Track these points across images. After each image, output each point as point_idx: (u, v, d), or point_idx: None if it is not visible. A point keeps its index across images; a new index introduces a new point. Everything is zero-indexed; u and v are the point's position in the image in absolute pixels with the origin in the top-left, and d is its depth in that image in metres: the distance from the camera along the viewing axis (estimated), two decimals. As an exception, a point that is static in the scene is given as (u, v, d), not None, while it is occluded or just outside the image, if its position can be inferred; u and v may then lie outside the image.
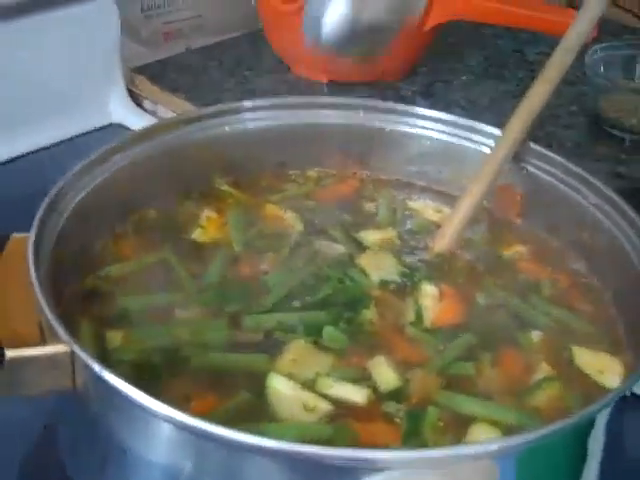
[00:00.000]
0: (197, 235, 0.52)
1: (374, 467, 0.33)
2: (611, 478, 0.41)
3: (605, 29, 0.95)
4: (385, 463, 0.33)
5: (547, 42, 0.96)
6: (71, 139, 0.80)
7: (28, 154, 0.77)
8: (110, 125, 0.82)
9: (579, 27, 0.53)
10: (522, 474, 0.36)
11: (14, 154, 0.77)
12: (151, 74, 0.85)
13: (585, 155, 0.78)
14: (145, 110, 0.84)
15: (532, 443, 0.34)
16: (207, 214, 0.53)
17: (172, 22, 0.94)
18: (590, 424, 0.38)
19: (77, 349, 0.36)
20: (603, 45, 0.83)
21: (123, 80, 0.84)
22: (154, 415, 0.34)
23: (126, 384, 0.34)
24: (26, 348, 0.38)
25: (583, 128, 0.83)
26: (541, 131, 0.80)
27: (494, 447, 0.34)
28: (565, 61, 0.53)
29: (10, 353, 0.38)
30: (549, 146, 0.56)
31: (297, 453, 0.33)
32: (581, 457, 0.38)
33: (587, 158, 0.77)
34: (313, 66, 0.84)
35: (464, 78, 0.90)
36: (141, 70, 0.86)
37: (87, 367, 0.36)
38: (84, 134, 0.81)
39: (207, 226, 0.52)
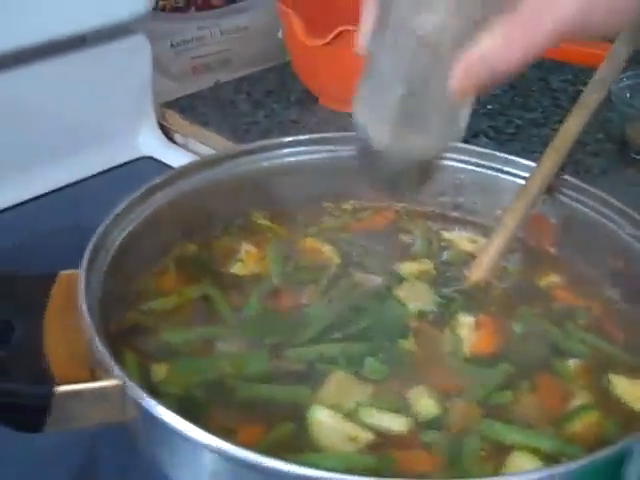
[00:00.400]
0: (237, 269, 0.53)
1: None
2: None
3: (632, 58, 0.97)
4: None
5: (571, 70, 0.97)
6: (103, 172, 0.82)
7: (63, 188, 0.79)
8: (142, 158, 0.84)
9: (613, 60, 0.54)
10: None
11: (49, 188, 0.78)
12: (181, 108, 0.87)
13: (614, 181, 0.79)
14: (176, 143, 0.86)
15: (573, 473, 0.35)
16: (246, 248, 0.54)
17: (200, 57, 0.97)
18: (628, 453, 0.38)
19: (129, 383, 0.37)
20: (629, 73, 0.84)
21: (154, 114, 0.85)
22: (203, 447, 0.35)
23: (178, 418, 0.35)
24: (76, 384, 0.39)
25: (610, 155, 0.84)
26: (568, 158, 0.81)
27: (535, 477, 0.35)
28: (598, 95, 0.54)
29: (61, 389, 0.39)
30: (577, 173, 0.57)
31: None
32: None
33: (615, 184, 0.78)
34: (341, 97, 0.85)
35: (490, 107, 0.91)
36: (171, 104, 0.88)
37: (139, 402, 0.37)
38: (116, 167, 0.83)
39: (246, 260, 0.53)
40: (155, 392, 0.42)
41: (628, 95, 0.83)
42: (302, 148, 0.57)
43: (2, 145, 0.75)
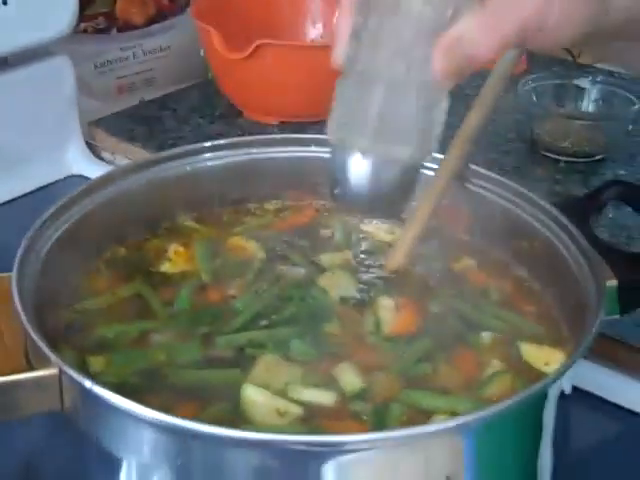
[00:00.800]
0: (166, 268, 0.55)
1: (345, 449, 0.36)
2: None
3: (536, 62, 1.02)
4: (354, 445, 0.37)
5: (484, 75, 1.02)
6: (32, 192, 0.83)
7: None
8: (71, 177, 0.86)
9: (507, 57, 0.58)
10: (483, 449, 0.39)
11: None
12: (107, 126, 0.89)
13: (525, 177, 0.83)
14: (104, 160, 0.88)
15: (488, 419, 0.38)
16: (174, 248, 0.56)
17: (125, 77, 0.99)
18: (543, 396, 0.42)
19: (66, 368, 0.39)
20: (534, 76, 0.89)
21: (81, 133, 0.87)
22: (144, 421, 0.37)
23: (116, 395, 0.37)
24: (15, 375, 0.41)
25: (521, 153, 0.88)
26: (483, 157, 0.85)
27: (452, 424, 0.38)
28: (496, 89, 0.58)
29: (2, 379, 0.41)
30: (490, 170, 0.61)
31: (276, 441, 0.36)
32: (537, 431, 0.42)
33: (527, 179, 0.82)
34: (263, 110, 0.88)
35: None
36: (97, 123, 0.90)
37: (77, 384, 0.39)
38: (45, 186, 0.84)
39: (175, 259, 0.55)
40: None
41: (534, 97, 0.88)
42: (223, 152, 0.60)
43: None
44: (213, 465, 0.38)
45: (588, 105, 0.89)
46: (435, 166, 0.57)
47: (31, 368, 0.42)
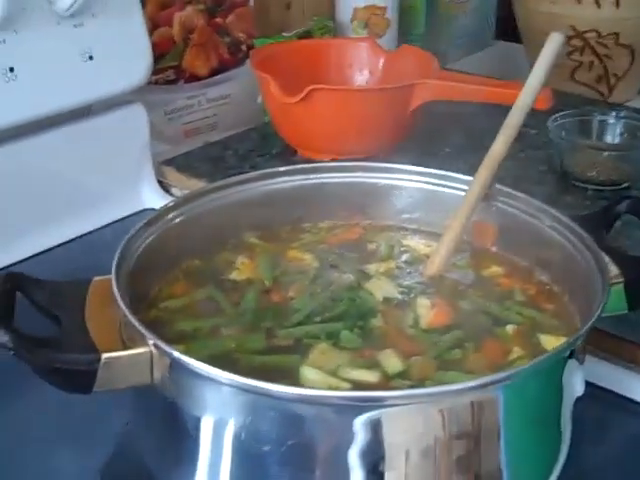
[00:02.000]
0: (234, 275, 0.64)
1: (380, 404, 0.45)
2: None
3: (566, 101, 1.10)
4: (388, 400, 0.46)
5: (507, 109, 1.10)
6: (111, 224, 0.93)
7: (76, 238, 0.90)
8: (144, 210, 0.96)
9: (527, 92, 0.67)
10: (510, 406, 0.47)
11: (65, 239, 0.90)
12: (176, 165, 0.99)
13: (556, 204, 0.90)
14: (173, 196, 0.98)
15: (510, 379, 0.46)
16: (241, 260, 0.65)
17: (191, 122, 1.09)
18: (562, 361, 0.49)
19: (160, 342, 0.48)
20: (562, 114, 0.97)
21: (153, 172, 0.97)
22: (222, 383, 0.46)
23: (200, 362, 0.46)
24: (116, 352, 0.50)
25: (552, 183, 0.96)
26: (517, 188, 0.93)
27: (472, 384, 0.46)
28: (518, 119, 0.66)
29: (105, 355, 0.50)
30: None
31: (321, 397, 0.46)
32: (558, 392, 0.50)
33: (558, 206, 0.90)
34: (316, 148, 0.97)
35: (447, 150, 1.03)
36: (167, 162, 1.00)
37: (168, 355, 0.48)
38: (122, 219, 0.94)
39: (242, 268, 0.64)
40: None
41: (563, 132, 0.96)
42: (282, 178, 0.69)
43: (23, 203, 0.87)
44: (277, 420, 0.47)
45: (613, 138, 0.97)
46: (466, 187, 0.66)
47: (127, 347, 0.51)
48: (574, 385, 0.54)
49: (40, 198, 0.88)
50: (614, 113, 0.97)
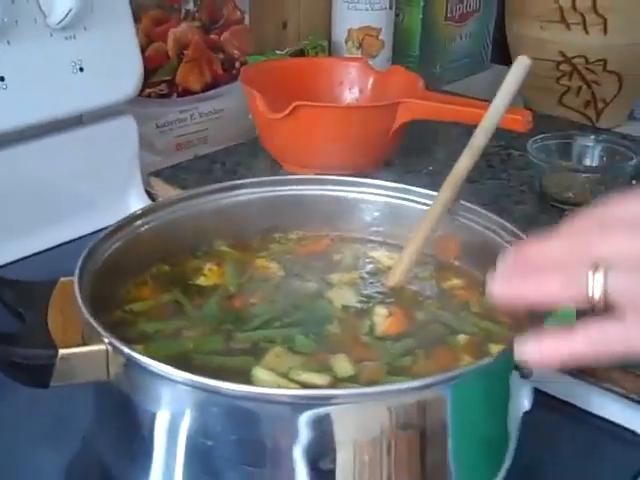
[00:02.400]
0: (201, 281, 0.66)
1: (329, 403, 0.47)
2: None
3: (553, 125, 1.12)
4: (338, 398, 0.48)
5: (503, 137, 1.13)
6: (97, 231, 0.95)
7: (63, 244, 0.93)
8: (131, 220, 0.98)
9: (491, 113, 0.69)
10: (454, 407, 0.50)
11: (50, 245, 0.92)
12: (164, 177, 1.02)
13: (531, 223, 0.92)
14: (160, 206, 1.00)
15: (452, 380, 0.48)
16: (209, 267, 0.67)
17: (182, 135, 1.12)
18: (505, 370, 0.52)
19: (114, 340, 0.50)
20: (542, 136, 0.99)
21: (141, 183, 1.00)
22: (175, 380, 0.48)
23: (152, 360, 0.48)
24: (73, 348, 0.52)
25: (531, 203, 0.98)
26: (495, 205, 0.94)
27: (417, 384, 0.48)
28: (482, 139, 0.68)
29: (62, 351, 0.52)
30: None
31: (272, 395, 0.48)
32: (503, 397, 0.53)
33: (533, 225, 0.91)
34: (300, 163, 1.00)
35: (431, 168, 1.05)
36: (156, 174, 1.02)
37: (121, 354, 0.50)
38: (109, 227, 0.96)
39: (209, 274, 0.67)
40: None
41: (544, 155, 0.98)
42: (254, 189, 0.71)
43: (11, 209, 0.89)
44: (227, 415, 0.49)
45: (592, 161, 0.99)
46: (430, 201, 0.68)
47: (86, 344, 0.53)
48: (521, 397, 0.55)
49: (28, 204, 0.90)
50: (593, 136, 0.99)
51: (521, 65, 0.68)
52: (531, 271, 0.46)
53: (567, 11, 1.17)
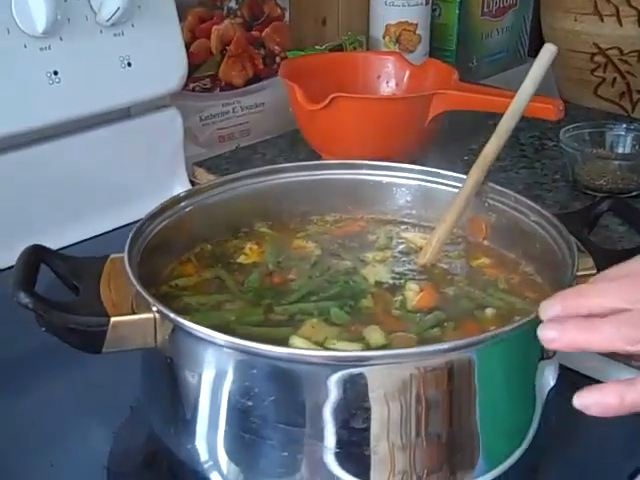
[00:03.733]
0: (242, 259, 0.70)
1: (363, 364, 0.51)
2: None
3: (589, 116, 1.14)
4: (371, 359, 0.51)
5: (538, 128, 1.15)
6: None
7: (111, 231, 0.97)
8: (177, 208, 1.02)
9: (517, 100, 0.71)
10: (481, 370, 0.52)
11: (101, 231, 0.97)
12: (207, 166, 1.06)
13: (563, 209, 0.95)
14: (204, 195, 1.04)
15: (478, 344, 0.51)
16: (249, 246, 0.71)
17: (225, 128, 1.16)
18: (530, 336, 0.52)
19: (163, 309, 0.54)
20: (574, 125, 1.01)
21: (185, 173, 1.04)
22: (221, 345, 0.52)
23: (197, 325, 0.52)
24: (124, 316, 0.56)
25: (563, 191, 1.00)
26: (528, 193, 0.97)
27: (445, 346, 0.51)
28: (509, 125, 0.70)
29: (114, 319, 0.56)
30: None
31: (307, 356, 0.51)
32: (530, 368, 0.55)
33: (564, 211, 0.94)
34: (339, 153, 1.03)
35: (466, 158, 1.08)
36: (200, 164, 1.07)
37: (170, 320, 0.53)
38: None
39: (249, 253, 0.70)
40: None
41: (575, 143, 1.00)
42: (294, 173, 0.75)
43: (63, 198, 0.94)
44: (266, 377, 0.53)
45: (624, 149, 1.00)
46: (460, 184, 0.71)
47: (135, 313, 0.57)
48: (546, 373, 0.58)
49: (79, 193, 0.95)
50: (625, 125, 1.01)
51: (548, 52, 0.70)
52: (583, 318, 0.46)
53: (601, 3, 1.19)
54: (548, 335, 0.47)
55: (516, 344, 0.55)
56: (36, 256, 0.60)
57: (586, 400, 0.46)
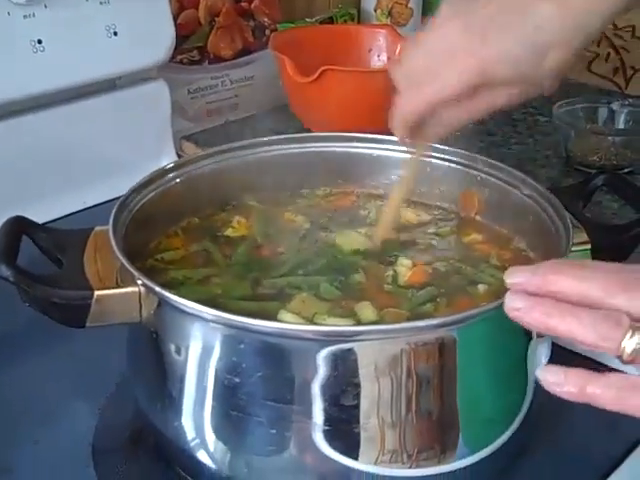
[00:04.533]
0: (229, 232, 0.68)
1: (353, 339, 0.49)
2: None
3: (581, 92, 1.13)
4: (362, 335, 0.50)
5: (531, 104, 1.13)
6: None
7: (96, 205, 0.95)
8: (164, 182, 1.00)
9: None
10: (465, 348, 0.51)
11: (86, 206, 0.95)
12: (195, 140, 1.04)
13: (555, 185, 0.94)
14: (192, 169, 1.02)
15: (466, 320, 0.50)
16: (237, 219, 0.70)
17: (213, 102, 1.14)
18: None
19: (148, 282, 0.52)
20: (567, 100, 1.00)
21: (173, 146, 1.02)
22: (207, 320, 0.51)
23: (183, 298, 0.50)
24: (108, 289, 0.55)
25: (556, 167, 0.99)
26: (520, 169, 0.95)
27: (435, 322, 0.50)
28: None
29: (98, 292, 0.54)
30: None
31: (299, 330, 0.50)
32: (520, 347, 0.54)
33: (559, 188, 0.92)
34: (329, 127, 1.01)
35: (458, 134, 1.06)
36: (187, 138, 1.05)
37: (155, 294, 0.52)
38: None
39: (237, 227, 0.69)
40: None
41: (569, 119, 0.98)
42: (283, 146, 0.73)
43: (46, 170, 0.92)
44: (254, 352, 0.51)
45: (617, 125, 0.99)
46: (454, 158, 0.69)
47: (120, 286, 0.55)
48: (538, 352, 0.57)
49: (63, 165, 0.94)
50: (619, 102, 0.99)
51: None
52: (562, 304, 0.43)
53: (596, -23, 1.16)
54: (512, 303, 0.44)
55: (505, 321, 0.53)
56: (18, 228, 0.59)
57: (548, 377, 0.43)
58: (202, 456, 0.55)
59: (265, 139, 0.73)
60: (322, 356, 0.50)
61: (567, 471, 0.60)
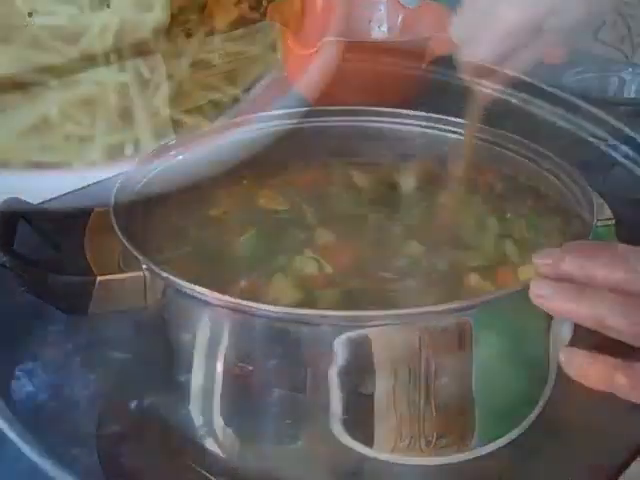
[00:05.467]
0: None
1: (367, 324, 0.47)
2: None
3: (587, 60, 1.10)
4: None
5: (536, 75, 1.10)
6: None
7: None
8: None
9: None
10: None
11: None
12: (194, 116, 1.01)
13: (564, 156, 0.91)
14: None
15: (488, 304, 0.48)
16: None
17: (210, 76, 1.11)
18: None
19: (153, 267, 0.50)
20: (578, 69, 0.97)
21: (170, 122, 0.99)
22: (215, 305, 0.48)
23: (190, 283, 0.48)
24: (111, 275, 0.52)
25: (565, 138, 0.96)
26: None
27: (454, 306, 0.47)
28: None
29: (101, 278, 0.52)
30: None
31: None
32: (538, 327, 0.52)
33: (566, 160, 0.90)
34: (327, 100, 0.98)
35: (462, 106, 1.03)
36: (186, 113, 1.02)
37: (161, 278, 0.50)
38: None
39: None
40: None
41: (578, 89, 0.96)
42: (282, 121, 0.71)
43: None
44: (265, 339, 0.49)
45: (629, 94, 0.97)
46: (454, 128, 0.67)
47: (123, 271, 0.53)
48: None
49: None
50: (631, 69, 0.97)
51: None
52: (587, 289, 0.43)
53: (602, -58, 1.13)
54: (538, 290, 0.44)
55: (526, 304, 0.51)
56: (14, 209, 0.56)
57: (575, 365, 0.44)
58: (210, 445, 0.53)
59: (267, 114, 0.71)
60: (338, 342, 0.47)
61: (588, 459, 0.58)
